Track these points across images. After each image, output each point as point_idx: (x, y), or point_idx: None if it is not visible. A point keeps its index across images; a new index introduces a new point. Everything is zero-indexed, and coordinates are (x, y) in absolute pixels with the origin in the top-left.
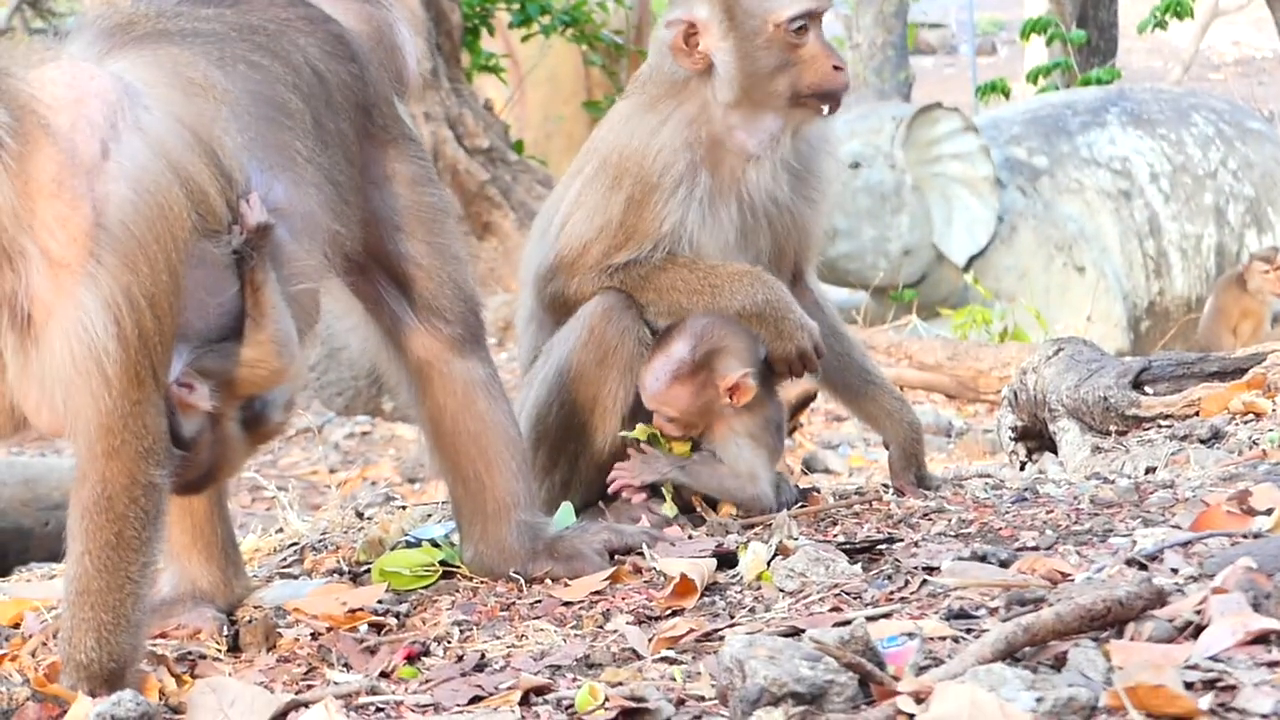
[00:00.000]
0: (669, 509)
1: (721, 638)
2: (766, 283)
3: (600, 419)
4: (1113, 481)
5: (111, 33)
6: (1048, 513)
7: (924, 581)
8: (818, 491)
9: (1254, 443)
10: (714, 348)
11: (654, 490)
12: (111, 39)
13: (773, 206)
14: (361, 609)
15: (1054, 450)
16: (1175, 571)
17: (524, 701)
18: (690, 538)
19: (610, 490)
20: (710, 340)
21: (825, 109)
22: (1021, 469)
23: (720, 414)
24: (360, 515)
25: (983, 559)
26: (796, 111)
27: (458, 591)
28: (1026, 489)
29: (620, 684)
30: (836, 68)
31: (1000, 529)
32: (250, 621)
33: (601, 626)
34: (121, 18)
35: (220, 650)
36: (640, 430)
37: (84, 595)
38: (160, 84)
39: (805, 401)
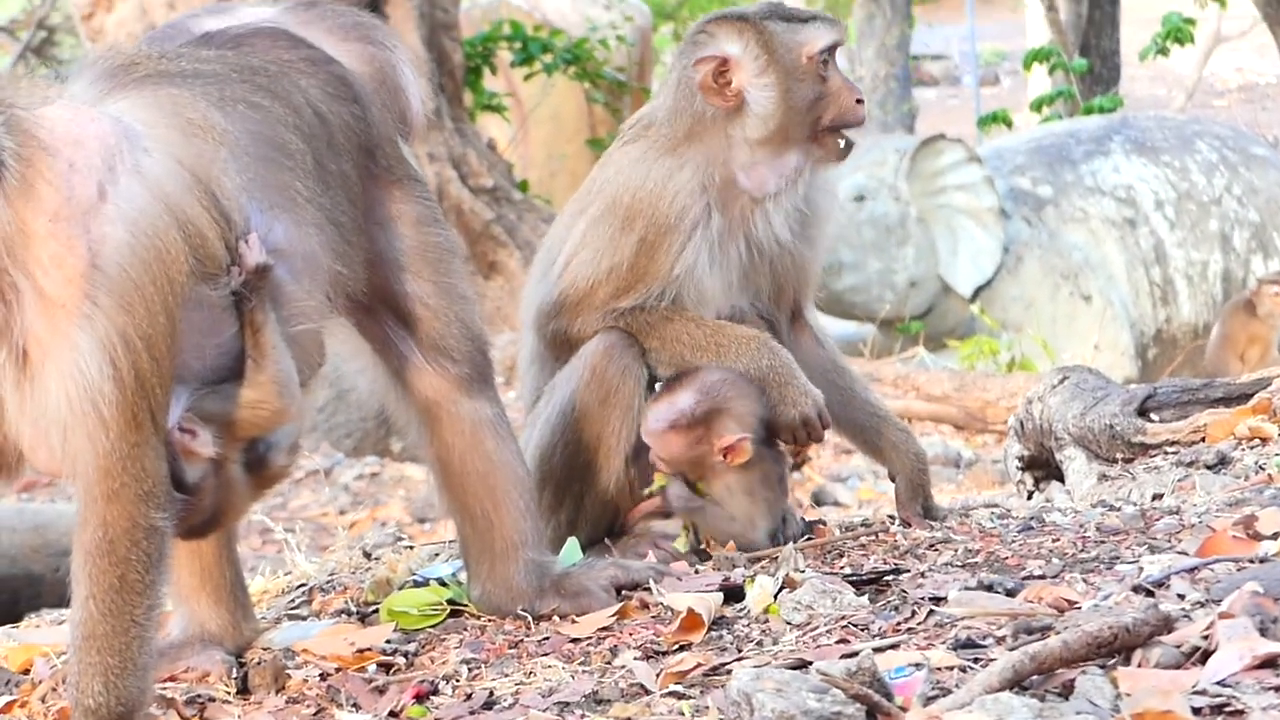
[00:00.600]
0: (682, 544)
1: (729, 671)
2: (772, 349)
3: (605, 457)
4: (1119, 509)
5: (113, 74)
6: (1054, 541)
7: (931, 612)
8: (824, 524)
9: (1260, 468)
10: (717, 407)
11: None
12: (113, 80)
13: (776, 247)
14: (370, 649)
15: (1061, 479)
16: (1182, 597)
17: None
18: (697, 572)
19: (632, 516)
20: (715, 398)
21: (842, 144)
22: (1029, 498)
23: (714, 468)
24: (368, 555)
25: (989, 588)
26: (816, 149)
27: (466, 630)
28: (1033, 518)
29: (629, 719)
30: (858, 100)
31: (1007, 558)
32: (259, 663)
33: (609, 662)
34: (123, 59)
35: (229, 693)
36: (659, 480)
37: (90, 640)
38: (160, 125)
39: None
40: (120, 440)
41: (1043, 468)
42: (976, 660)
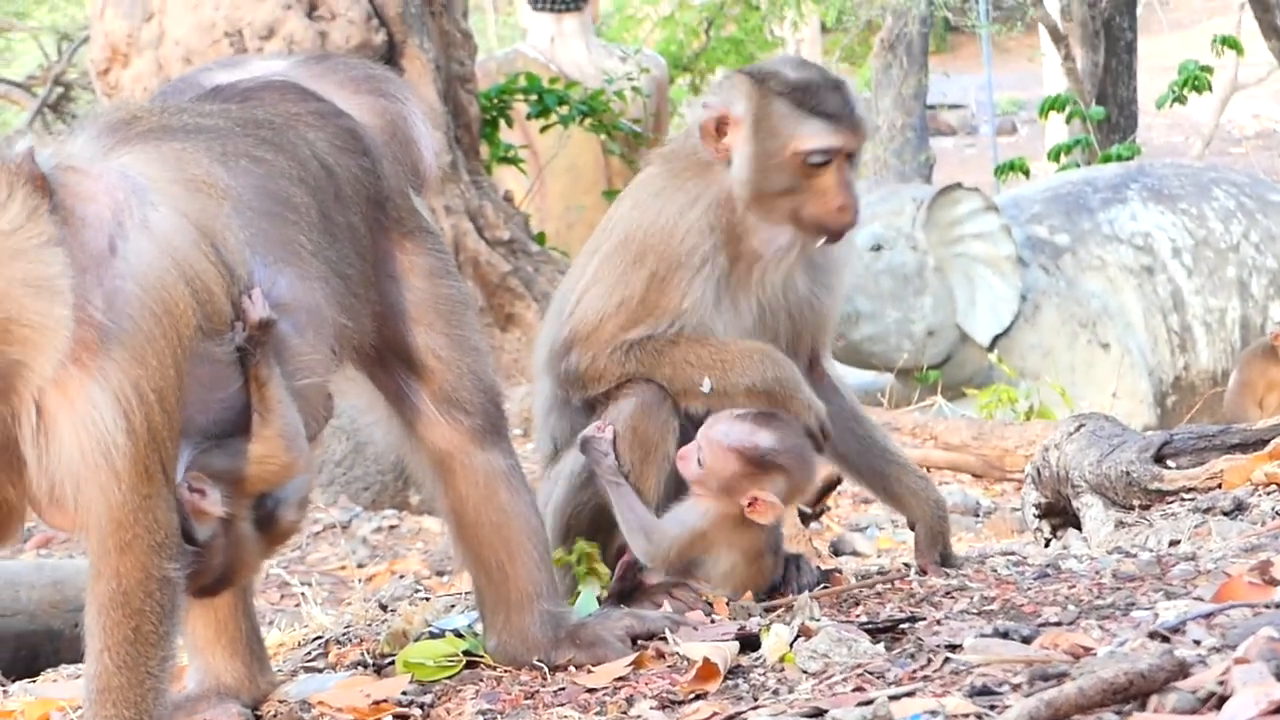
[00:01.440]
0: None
1: None
2: (777, 361)
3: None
4: (1135, 555)
5: (115, 129)
6: (1070, 588)
7: (946, 659)
8: (840, 573)
9: (1276, 513)
10: (783, 466)
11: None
12: (115, 135)
13: (788, 300)
14: (386, 700)
15: (1078, 526)
16: (1198, 643)
17: None
18: (712, 621)
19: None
20: (788, 459)
21: (821, 241)
22: (1046, 545)
23: (731, 503)
24: (384, 607)
25: (1005, 635)
26: (800, 232)
27: (482, 681)
28: (1049, 565)
29: None
30: (841, 209)
31: (1022, 605)
32: (275, 716)
33: (625, 712)
34: (125, 114)
35: None
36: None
37: (105, 693)
38: (164, 180)
39: (830, 486)
40: (133, 492)
41: (1060, 515)
42: (992, 707)
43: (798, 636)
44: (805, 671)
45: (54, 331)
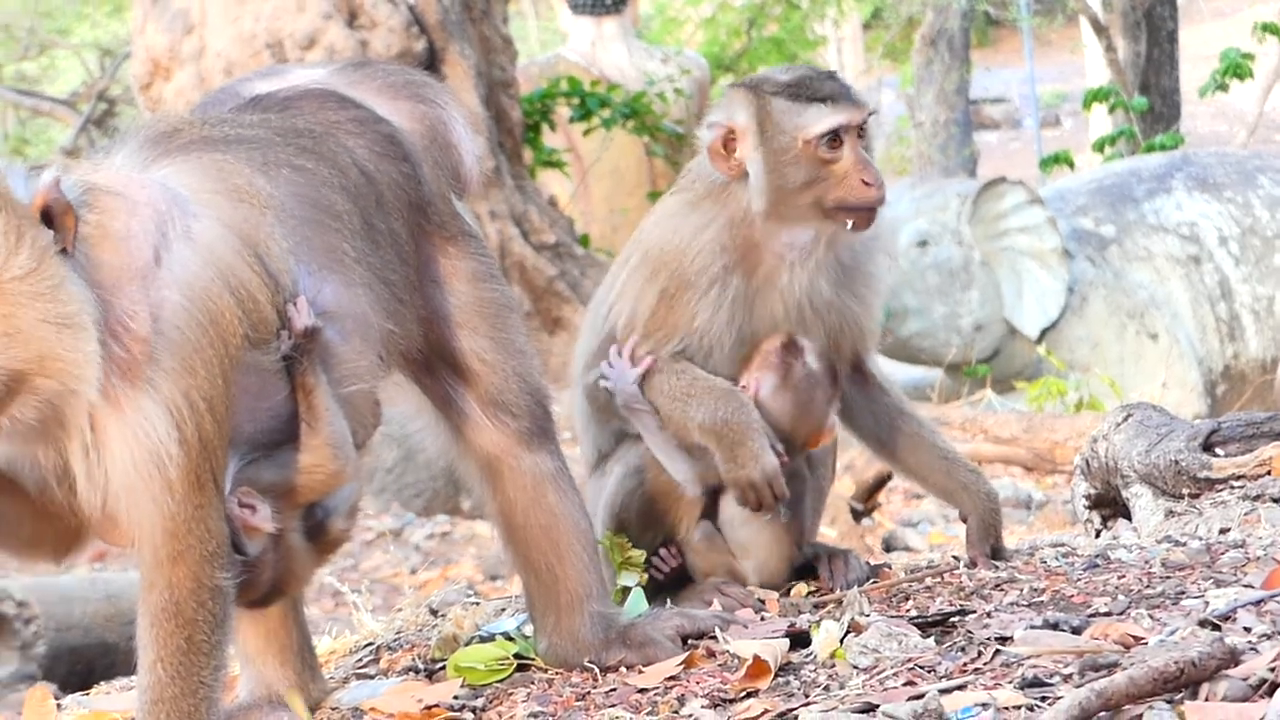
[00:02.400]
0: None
1: (797, 717)
2: (740, 404)
3: (687, 508)
4: (1184, 544)
5: (156, 141)
6: (1119, 578)
7: (997, 651)
8: (889, 568)
9: None
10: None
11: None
12: (156, 147)
13: (815, 305)
14: (437, 705)
15: (1128, 517)
16: (1248, 630)
17: None
18: (763, 619)
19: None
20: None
21: (850, 224)
22: (1096, 536)
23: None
24: (434, 613)
25: (1055, 627)
26: (827, 224)
27: (533, 683)
28: (1098, 555)
29: None
30: (866, 183)
31: (1072, 596)
32: None
33: (677, 711)
34: (166, 126)
35: None
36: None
37: (158, 703)
38: (205, 190)
39: (881, 482)
40: (185, 502)
41: (1110, 506)
42: (1044, 699)
43: (848, 632)
44: (856, 667)
45: (85, 364)
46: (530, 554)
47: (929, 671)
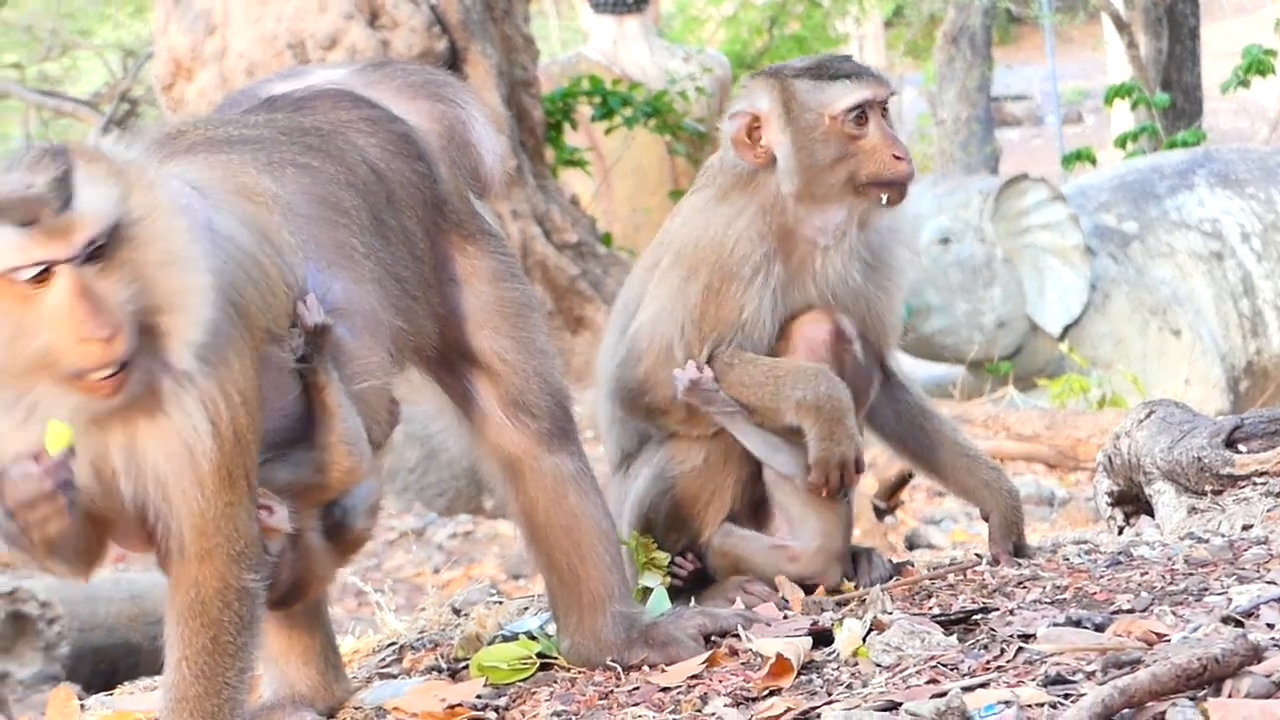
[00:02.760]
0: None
1: (819, 715)
2: (833, 381)
3: (714, 513)
4: (1207, 541)
5: (162, 143)
6: (1142, 575)
7: (1020, 649)
8: (912, 565)
9: None
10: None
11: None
12: (162, 149)
13: (847, 293)
14: (461, 705)
15: (1151, 513)
16: (1271, 627)
17: None
18: (785, 617)
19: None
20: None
21: (885, 198)
22: (1119, 533)
23: None
24: (457, 612)
25: (1078, 624)
26: (860, 201)
27: (556, 683)
28: (1121, 552)
29: None
30: (897, 157)
31: (1095, 593)
32: None
33: (700, 710)
34: (170, 129)
35: None
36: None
37: (182, 702)
38: (216, 188)
39: (904, 480)
40: (215, 498)
41: (1132, 503)
42: (1066, 696)
43: (870, 630)
44: (879, 665)
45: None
46: (552, 554)
47: (952, 669)
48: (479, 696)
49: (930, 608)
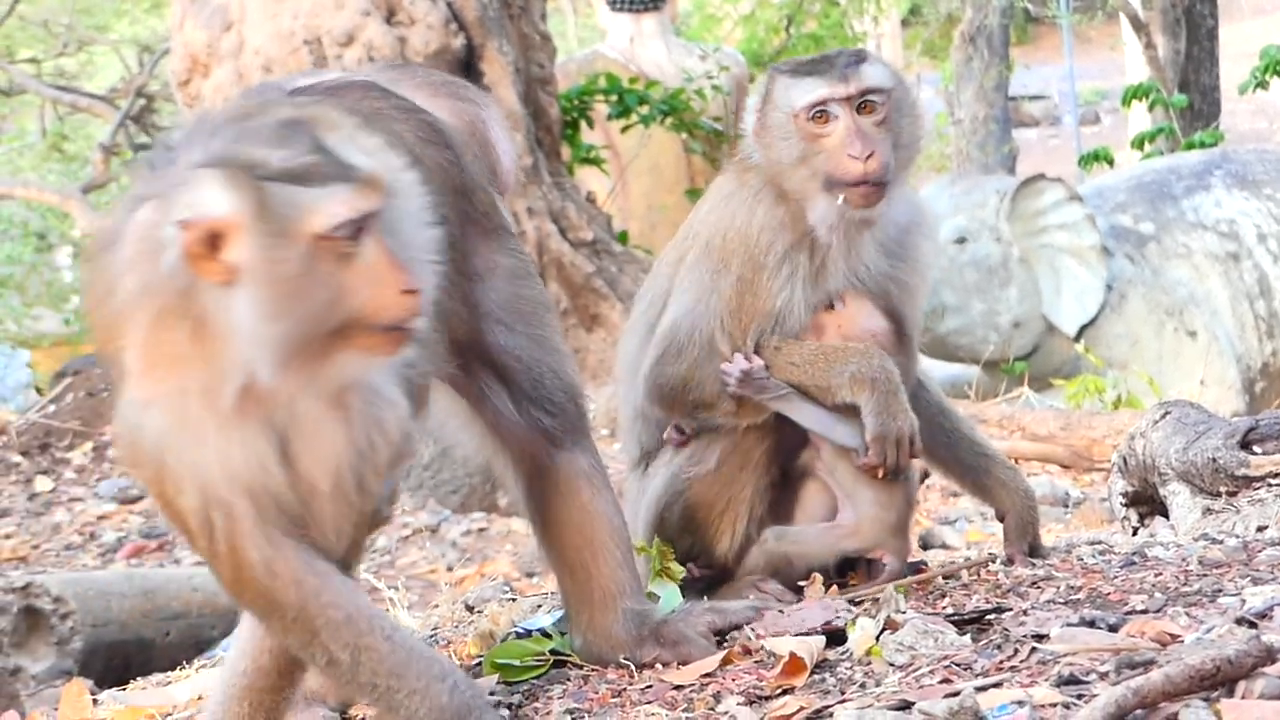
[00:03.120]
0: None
1: (832, 714)
2: (883, 356)
3: (730, 521)
4: (1221, 542)
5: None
6: (1156, 575)
7: (1033, 649)
8: (926, 565)
9: None
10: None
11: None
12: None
13: (872, 284)
14: None
15: (1165, 514)
16: None
17: None
18: (798, 611)
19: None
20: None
21: (841, 199)
22: (1134, 534)
23: None
24: (470, 609)
25: (1092, 624)
26: (828, 200)
27: (569, 680)
28: (1135, 553)
29: None
30: (851, 156)
31: (1109, 594)
32: (363, 719)
33: (713, 708)
34: (238, 110)
35: None
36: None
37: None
38: None
39: (920, 479)
40: None
41: (1147, 503)
42: (1080, 696)
43: (884, 629)
44: (892, 664)
45: None
46: (564, 551)
47: (965, 669)
48: (492, 693)
49: (944, 607)
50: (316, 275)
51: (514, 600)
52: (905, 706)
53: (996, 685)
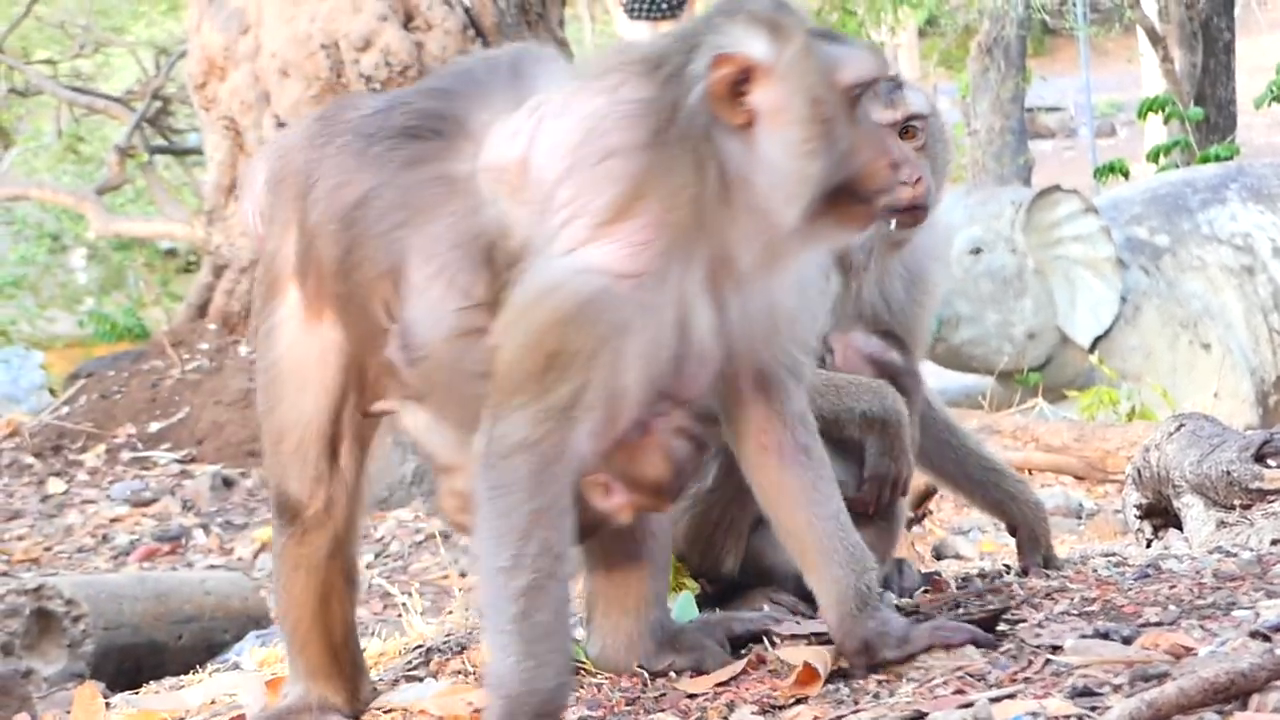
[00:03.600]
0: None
1: None
2: (895, 396)
3: (734, 540)
4: (1235, 554)
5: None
6: (1170, 588)
7: (1047, 661)
8: (940, 576)
9: None
10: (900, 381)
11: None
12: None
13: (890, 308)
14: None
15: (1180, 527)
16: None
17: None
18: (812, 620)
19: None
20: (905, 377)
21: (892, 223)
22: (1147, 546)
23: None
24: None
25: (1106, 636)
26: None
27: (582, 687)
28: (1149, 565)
29: None
30: (902, 182)
31: (1123, 606)
32: None
33: (726, 718)
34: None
35: None
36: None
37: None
38: None
39: (931, 491)
40: None
41: (1161, 516)
42: (1093, 708)
43: None
44: (905, 675)
45: None
46: (608, 555)
47: (979, 680)
48: None
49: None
50: (838, 126)
51: None
52: (919, 717)
53: (1010, 696)
